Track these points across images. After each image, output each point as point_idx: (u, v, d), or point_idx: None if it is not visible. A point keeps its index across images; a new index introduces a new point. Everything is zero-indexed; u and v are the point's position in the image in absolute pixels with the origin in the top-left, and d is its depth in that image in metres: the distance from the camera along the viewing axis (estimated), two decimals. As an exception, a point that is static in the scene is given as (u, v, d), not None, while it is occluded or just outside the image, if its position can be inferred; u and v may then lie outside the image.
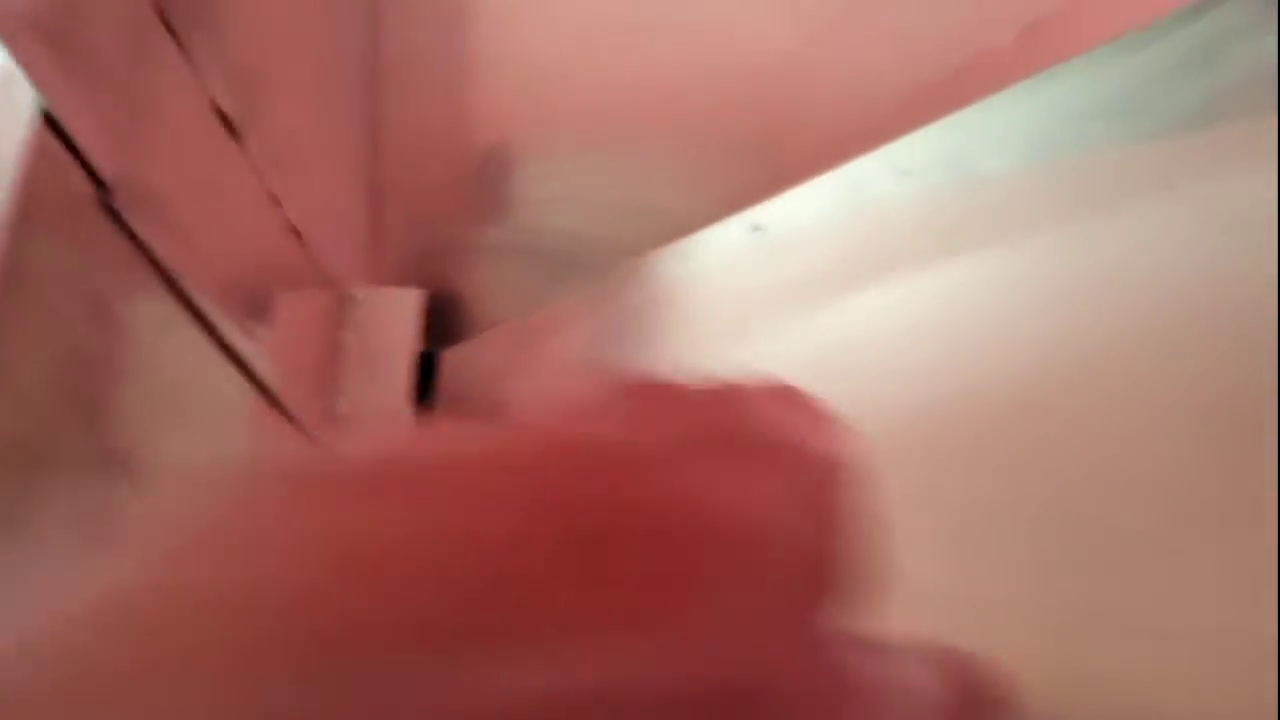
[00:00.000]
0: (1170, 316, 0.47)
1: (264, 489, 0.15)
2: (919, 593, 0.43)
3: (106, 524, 0.32)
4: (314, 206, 0.44)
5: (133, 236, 0.32)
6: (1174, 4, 0.50)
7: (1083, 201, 0.51)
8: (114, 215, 0.31)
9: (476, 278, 0.56)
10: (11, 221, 0.27)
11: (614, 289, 0.55)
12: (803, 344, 0.51)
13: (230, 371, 0.39)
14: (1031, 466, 0.46)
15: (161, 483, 0.34)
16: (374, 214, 0.53)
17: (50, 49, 0.28)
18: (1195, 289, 0.47)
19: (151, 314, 0.34)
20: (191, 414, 0.37)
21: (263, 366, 0.40)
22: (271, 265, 0.42)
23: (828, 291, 0.52)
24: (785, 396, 0.20)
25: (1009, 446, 0.46)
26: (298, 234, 0.43)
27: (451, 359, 0.54)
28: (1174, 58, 0.48)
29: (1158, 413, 0.45)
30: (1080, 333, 0.48)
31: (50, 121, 0.28)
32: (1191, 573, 0.43)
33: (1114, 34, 0.49)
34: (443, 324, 0.55)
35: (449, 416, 0.53)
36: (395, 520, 0.14)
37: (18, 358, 0.27)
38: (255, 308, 0.41)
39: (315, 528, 0.14)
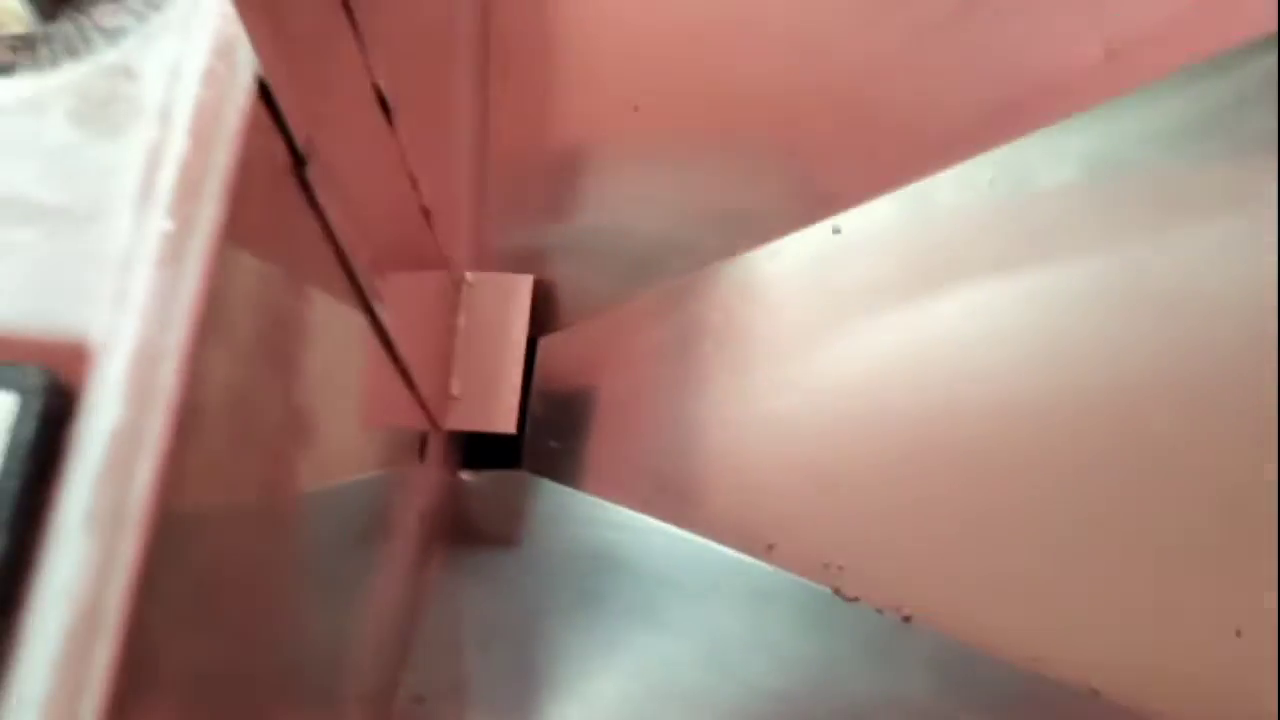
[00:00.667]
0: (1228, 334, 0.49)
1: None
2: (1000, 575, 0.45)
3: (289, 477, 0.34)
4: (438, 192, 0.46)
5: (316, 208, 0.34)
6: (1243, 36, 0.52)
7: (1143, 220, 0.53)
8: (306, 187, 0.33)
9: (567, 270, 0.58)
10: (234, 182, 0.28)
11: (700, 286, 0.57)
12: (873, 344, 0.53)
13: (376, 345, 0.40)
14: (1090, 466, 0.48)
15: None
16: (480, 204, 0.54)
17: (268, 19, 0.29)
18: (1251, 308, 0.49)
19: (328, 284, 0.35)
20: (345, 382, 0.39)
21: (399, 342, 0.42)
22: (407, 243, 0.43)
23: (897, 295, 0.54)
24: None
25: (1066, 447, 0.48)
26: (428, 215, 0.45)
27: (548, 346, 0.56)
28: (1242, 88, 0.50)
29: (1209, 422, 0.47)
30: (1140, 345, 0.50)
31: (264, 89, 0.30)
32: (1231, 571, 0.45)
33: (1186, 62, 0.51)
34: (535, 313, 0.57)
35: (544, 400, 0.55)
36: None
37: (240, 312, 0.29)
38: (392, 285, 0.42)
39: None
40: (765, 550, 0.48)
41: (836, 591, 0.47)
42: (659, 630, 0.50)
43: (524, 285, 0.50)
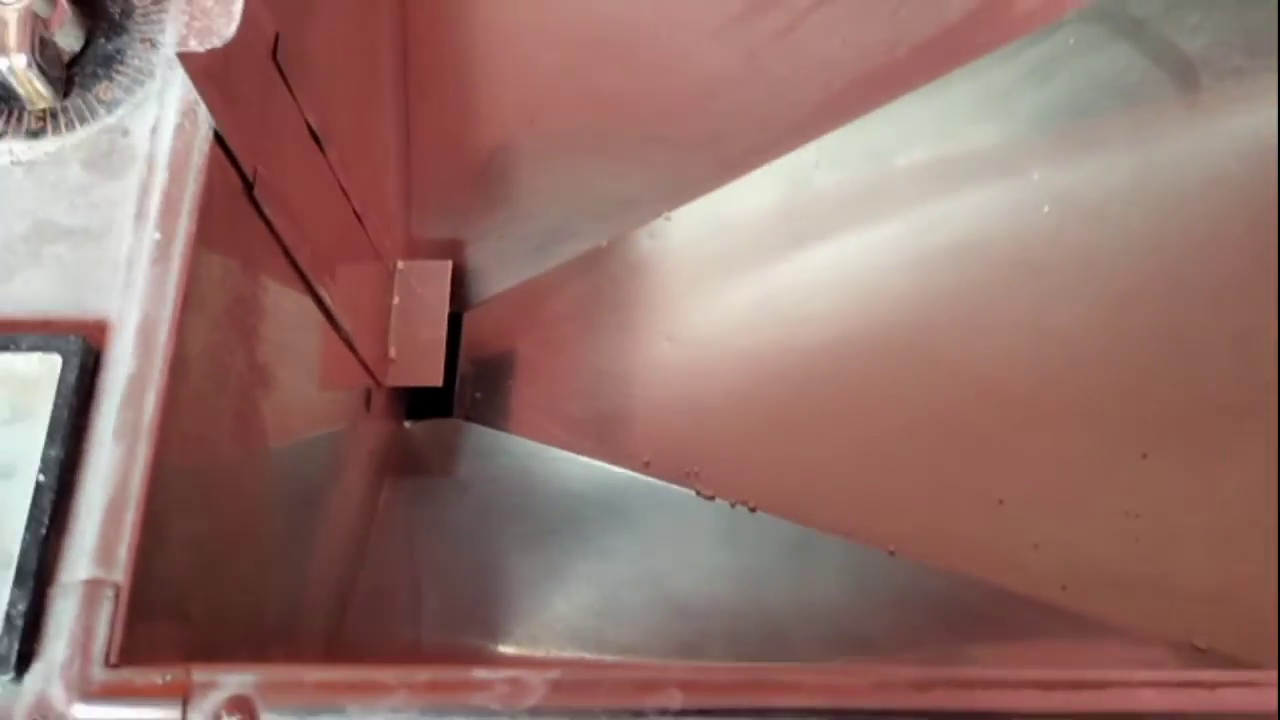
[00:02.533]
0: (1023, 279, 0.62)
1: None
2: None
3: (256, 413, 0.46)
4: (368, 198, 0.58)
5: (265, 218, 0.46)
6: (1024, 30, 0.64)
7: (932, 188, 0.65)
8: (255, 203, 0.45)
9: (482, 255, 0.70)
10: (201, 203, 0.41)
11: (593, 262, 0.69)
12: (748, 295, 0.65)
13: (321, 319, 0.53)
14: (919, 382, 0.61)
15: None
16: (407, 204, 0.67)
17: (217, 89, 0.42)
18: (1047, 257, 0.62)
19: (278, 274, 0.48)
20: (298, 346, 0.51)
21: (341, 317, 0.54)
22: (343, 242, 0.56)
23: (766, 256, 0.67)
24: None
25: (903, 365, 0.61)
26: (360, 218, 0.57)
27: (471, 318, 0.68)
28: (1014, 75, 0.63)
29: (976, 341, 0.60)
30: (929, 285, 0.63)
31: (218, 137, 0.42)
32: (993, 454, 0.58)
33: (975, 54, 0.63)
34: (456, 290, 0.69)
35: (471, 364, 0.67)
36: None
37: (210, 294, 0.41)
38: (332, 273, 0.54)
39: None
40: (643, 466, 0.61)
41: (697, 493, 0.60)
42: (578, 540, 0.63)
43: (444, 269, 0.63)
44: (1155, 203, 0.60)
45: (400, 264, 0.63)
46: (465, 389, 0.65)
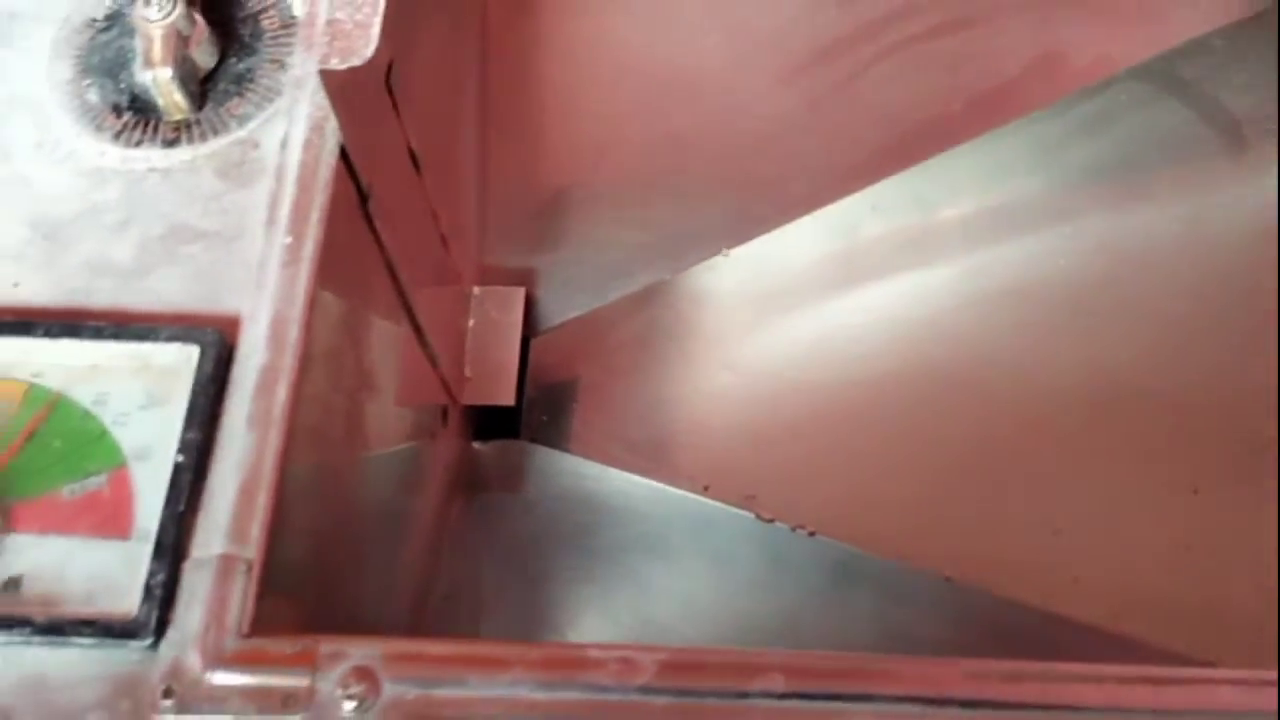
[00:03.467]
0: (1077, 321, 0.64)
1: None
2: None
3: (361, 414, 0.49)
4: (452, 224, 0.61)
5: (374, 233, 0.49)
6: (1077, 86, 0.68)
7: (984, 232, 0.68)
8: (368, 218, 0.48)
9: (551, 285, 0.73)
10: (328, 212, 0.44)
11: (657, 294, 0.72)
12: (805, 330, 0.68)
13: (411, 335, 0.56)
14: (976, 416, 0.63)
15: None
16: (481, 234, 0.70)
17: (349, 106, 0.45)
18: (1100, 301, 0.65)
19: (381, 288, 0.51)
20: (391, 359, 0.54)
21: (428, 334, 0.57)
22: (431, 263, 0.58)
23: (823, 294, 0.69)
24: None
25: (960, 400, 0.63)
26: (445, 242, 0.60)
27: (539, 344, 0.71)
28: (1066, 128, 0.66)
29: (1028, 378, 0.62)
30: (979, 326, 0.65)
31: (343, 152, 0.45)
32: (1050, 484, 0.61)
33: (1029, 108, 0.67)
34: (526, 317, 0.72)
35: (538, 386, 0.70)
36: None
37: (332, 299, 0.44)
38: (422, 292, 0.57)
39: None
40: (703, 489, 0.63)
41: (756, 516, 0.62)
42: (638, 558, 0.65)
43: (518, 295, 0.66)
44: (1203, 251, 0.63)
45: (476, 289, 0.66)
46: (531, 412, 0.68)
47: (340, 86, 0.43)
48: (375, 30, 0.43)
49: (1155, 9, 0.67)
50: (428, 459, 0.59)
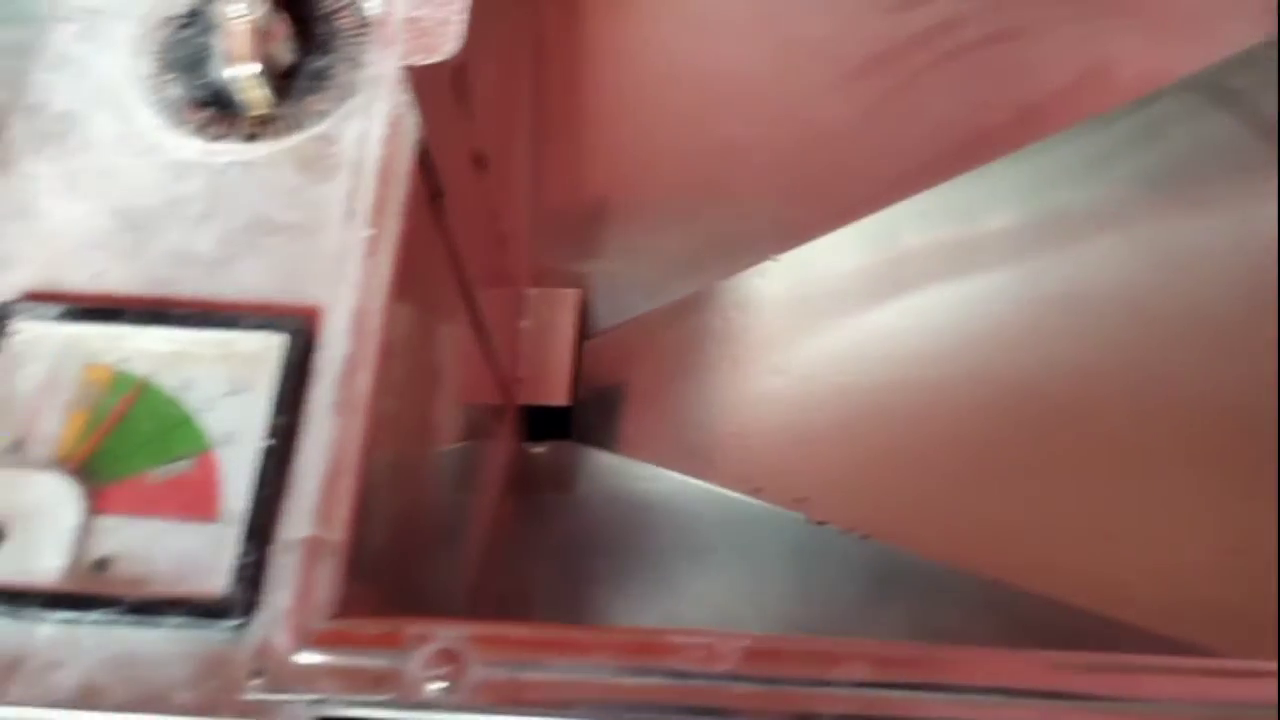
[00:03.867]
0: (1132, 327, 0.65)
1: None
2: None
3: (430, 405, 0.49)
4: (508, 225, 0.62)
5: (444, 228, 0.50)
6: (1127, 96, 0.68)
7: (1042, 238, 0.69)
8: (438, 214, 0.49)
9: (601, 287, 0.74)
10: (407, 207, 0.44)
11: (706, 298, 0.73)
12: (855, 334, 0.69)
13: (472, 333, 0.56)
14: (1030, 421, 0.63)
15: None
16: (532, 235, 0.71)
17: (430, 101, 0.45)
18: (1155, 307, 0.65)
19: (448, 283, 0.51)
20: (454, 356, 0.54)
21: (489, 332, 0.57)
22: (491, 262, 0.59)
23: (873, 299, 0.70)
24: None
25: (1013, 405, 0.64)
26: (504, 242, 0.61)
27: (590, 348, 0.71)
28: (1118, 137, 0.67)
29: (1084, 385, 0.63)
30: (1034, 332, 0.66)
31: (420, 149, 0.46)
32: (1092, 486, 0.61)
33: (1079, 118, 0.67)
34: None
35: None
36: None
37: (409, 291, 0.45)
38: (483, 290, 0.58)
39: None
40: (754, 491, 0.64)
41: (808, 519, 0.62)
42: (687, 559, 0.65)
43: (573, 297, 0.66)
44: (1253, 260, 0.63)
45: (530, 290, 0.66)
46: (582, 414, 0.68)
47: (422, 83, 0.44)
48: (458, 28, 0.43)
49: (1204, 21, 0.68)
50: (485, 458, 0.60)
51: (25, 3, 0.64)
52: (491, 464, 0.61)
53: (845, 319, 0.69)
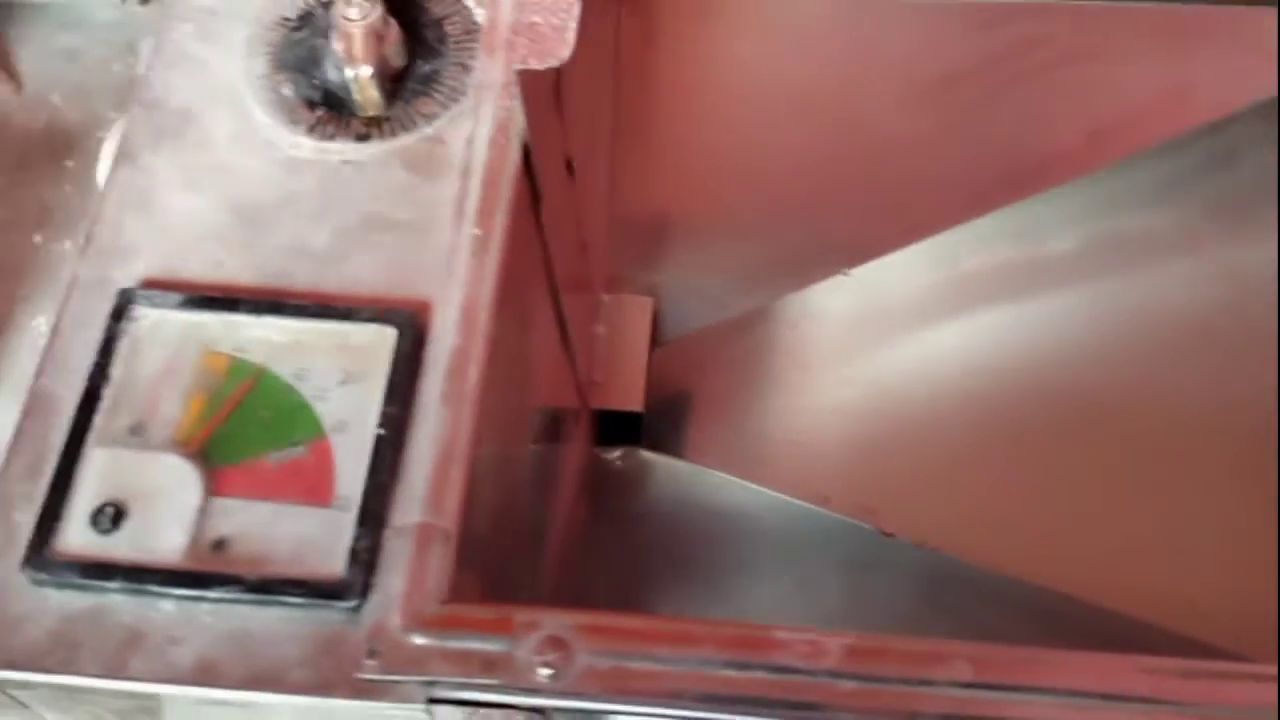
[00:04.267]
0: (1203, 348, 0.65)
1: None
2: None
3: (523, 401, 0.51)
4: (588, 233, 0.63)
5: (541, 230, 0.51)
6: (1203, 120, 0.69)
7: (1109, 261, 0.69)
8: (537, 216, 0.50)
9: (672, 296, 0.75)
10: (513, 207, 0.46)
11: (776, 310, 0.74)
12: (926, 349, 0.69)
13: (557, 336, 0.58)
14: (1100, 438, 0.64)
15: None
16: (607, 244, 0.72)
17: (539, 106, 0.47)
18: (1227, 328, 0.66)
19: (540, 286, 0.53)
20: (541, 358, 0.56)
21: (571, 337, 0.59)
22: (574, 268, 0.60)
23: (944, 314, 0.71)
24: None
25: (1083, 422, 0.64)
26: (585, 248, 0.62)
27: (659, 356, 0.72)
28: (1193, 163, 0.67)
29: (1145, 403, 0.63)
30: (1114, 353, 0.66)
31: (525, 153, 0.47)
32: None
33: (1155, 140, 0.68)
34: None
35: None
36: None
37: (512, 290, 0.46)
38: (567, 294, 0.59)
39: None
40: (823, 501, 0.65)
41: (878, 530, 0.63)
42: (754, 567, 0.66)
43: (646, 304, 0.68)
44: (1326, 285, 0.63)
45: (606, 297, 0.68)
46: (653, 421, 0.69)
47: (532, 87, 0.45)
48: (571, 34, 0.45)
49: (1280, 47, 0.68)
50: (564, 460, 0.61)
51: (83, 9, 0.66)
52: (569, 468, 0.62)
53: (917, 333, 0.70)
